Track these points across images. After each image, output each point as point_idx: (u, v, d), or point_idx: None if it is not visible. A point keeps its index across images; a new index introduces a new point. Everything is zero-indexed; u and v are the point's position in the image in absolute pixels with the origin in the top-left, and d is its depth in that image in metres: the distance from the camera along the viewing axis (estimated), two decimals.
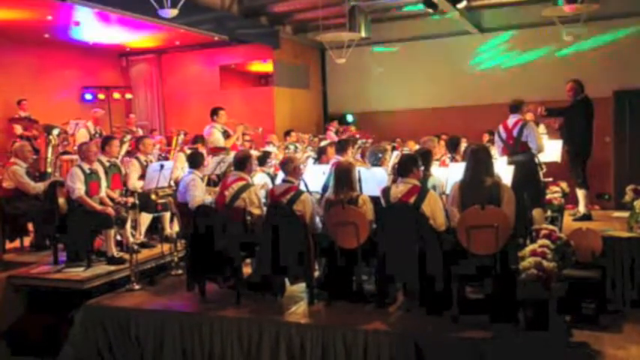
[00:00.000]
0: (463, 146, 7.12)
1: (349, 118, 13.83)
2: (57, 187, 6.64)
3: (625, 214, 7.15)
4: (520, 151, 6.63)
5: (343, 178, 5.21)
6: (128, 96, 13.39)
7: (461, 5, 10.56)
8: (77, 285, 5.88)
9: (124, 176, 7.13)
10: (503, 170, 5.86)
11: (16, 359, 5.92)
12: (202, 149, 8.17)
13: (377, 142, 8.63)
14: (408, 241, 4.80)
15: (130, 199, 6.71)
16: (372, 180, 5.83)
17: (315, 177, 6.38)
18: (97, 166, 6.64)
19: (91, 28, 10.22)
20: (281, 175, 6.07)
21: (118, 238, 6.77)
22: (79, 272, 6.07)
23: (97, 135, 9.21)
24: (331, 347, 4.63)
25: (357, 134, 11.96)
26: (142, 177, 7.05)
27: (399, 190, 5.06)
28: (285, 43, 13.00)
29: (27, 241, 7.43)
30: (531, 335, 4.30)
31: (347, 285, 5.29)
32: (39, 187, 7.05)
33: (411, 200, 4.94)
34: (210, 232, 5.46)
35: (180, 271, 6.41)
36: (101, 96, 12.58)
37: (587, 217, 7.62)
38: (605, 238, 5.92)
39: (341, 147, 7.20)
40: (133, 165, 7.22)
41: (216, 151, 8.33)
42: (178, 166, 7.58)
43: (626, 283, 6.23)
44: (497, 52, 12.88)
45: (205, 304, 5.44)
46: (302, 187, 5.73)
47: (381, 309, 5.02)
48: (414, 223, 4.83)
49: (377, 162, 6.49)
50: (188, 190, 6.23)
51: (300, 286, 5.49)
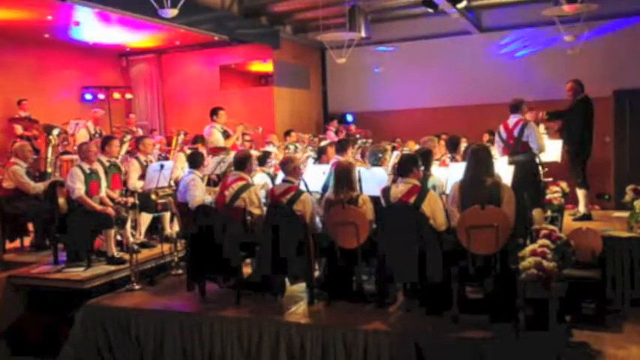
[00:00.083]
0: (463, 146, 7.12)
1: (349, 118, 13.83)
2: (57, 187, 6.64)
3: (625, 214, 7.14)
4: (521, 151, 6.63)
5: (343, 178, 5.21)
6: (128, 96, 13.38)
7: (461, 5, 10.56)
8: (77, 285, 5.88)
9: (124, 174, 7.14)
10: (504, 170, 5.86)
11: (16, 359, 5.92)
12: (202, 149, 8.17)
13: (377, 142, 8.64)
14: (408, 241, 4.80)
15: (130, 199, 6.71)
16: (372, 180, 5.83)
17: (315, 177, 6.38)
18: (97, 166, 6.64)
19: (91, 28, 10.22)
20: (281, 175, 6.07)
21: (118, 238, 6.77)
22: (79, 272, 6.07)
23: (97, 135, 9.21)
24: (331, 347, 4.63)
25: (356, 132, 12.00)
26: (142, 177, 7.06)
27: (399, 190, 5.06)
28: (285, 43, 13.00)
29: (27, 241, 7.43)
30: (531, 335, 4.30)
31: (347, 285, 5.28)
32: (39, 187, 7.06)
33: (411, 200, 4.94)
34: (210, 232, 5.45)
35: (180, 271, 6.41)
36: (101, 96, 12.58)
37: (587, 217, 7.62)
38: (605, 238, 5.92)
39: (341, 147, 7.20)
40: (133, 165, 7.22)
41: (216, 151, 8.33)
42: (178, 166, 7.58)
43: (626, 283, 6.23)
44: (497, 52, 12.88)
45: (205, 304, 5.44)
46: (302, 187, 5.72)
47: (381, 309, 5.02)
48: (414, 223, 4.83)
49: (377, 162, 6.49)
50: (188, 190, 6.23)
51: (300, 286, 5.49)
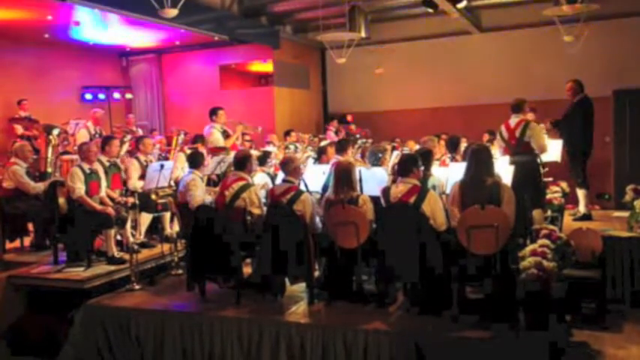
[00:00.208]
0: (463, 146, 7.12)
1: (349, 118, 13.82)
2: (57, 187, 6.64)
3: (625, 214, 7.15)
4: (522, 151, 6.58)
5: (343, 177, 5.20)
6: (128, 96, 13.38)
7: (461, 5, 10.56)
8: (77, 285, 5.88)
9: (124, 172, 7.14)
10: (503, 170, 5.86)
11: (16, 359, 5.92)
12: (202, 149, 8.18)
13: (377, 142, 8.64)
14: (408, 241, 4.80)
15: (130, 199, 6.71)
16: (372, 180, 5.82)
17: (315, 177, 6.38)
18: (97, 166, 6.64)
19: (91, 28, 10.22)
20: (281, 175, 6.07)
21: (118, 238, 6.77)
22: (79, 272, 6.07)
23: (97, 135, 9.20)
24: (331, 347, 4.63)
25: (356, 132, 12.00)
26: (142, 177, 7.06)
27: (399, 190, 5.06)
28: (285, 43, 12.99)
29: (27, 241, 7.43)
30: (531, 335, 4.30)
31: (347, 285, 5.28)
32: (39, 187, 7.06)
33: (411, 200, 4.94)
34: (210, 232, 5.46)
35: (180, 271, 6.41)
36: (101, 96, 12.58)
37: (587, 217, 7.62)
38: (605, 237, 5.92)
39: (341, 147, 7.21)
40: (133, 165, 7.23)
41: (216, 151, 8.32)
42: (178, 166, 7.58)
43: (626, 283, 6.23)
44: (497, 52, 12.87)
45: (205, 304, 5.43)
46: (302, 187, 5.73)
47: (381, 309, 5.02)
48: (414, 223, 4.83)
49: (377, 162, 6.49)
50: (188, 190, 6.22)
51: (300, 286, 5.48)
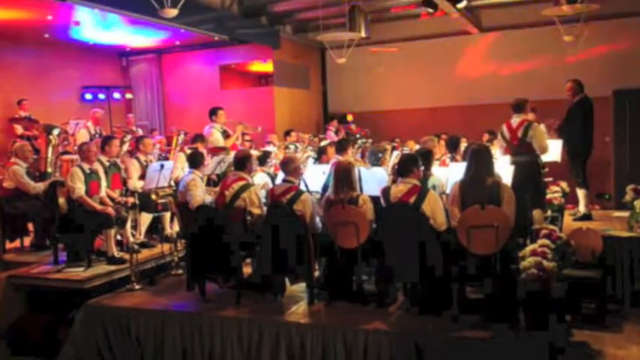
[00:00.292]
0: (463, 146, 7.12)
1: (349, 118, 13.83)
2: (57, 187, 6.64)
3: (625, 214, 7.15)
4: (524, 151, 6.55)
5: (343, 177, 5.20)
6: (128, 96, 13.38)
7: (461, 5, 10.56)
8: (77, 285, 5.88)
9: (124, 171, 7.14)
10: (503, 170, 5.86)
11: (16, 359, 5.92)
12: (202, 148, 8.18)
13: (377, 142, 8.63)
14: (408, 241, 4.80)
15: (130, 199, 6.71)
16: (372, 180, 5.82)
17: (315, 177, 6.38)
18: (97, 166, 6.64)
19: (91, 28, 10.22)
20: (281, 174, 6.07)
21: (118, 238, 6.77)
22: (79, 272, 6.07)
23: (97, 135, 9.20)
24: (331, 347, 4.62)
25: (355, 131, 12.00)
26: (142, 177, 7.06)
27: (399, 189, 5.05)
28: (285, 43, 12.99)
29: (27, 241, 7.43)
30: (531, 335, 4.30)
31: (347, 285, 5.28)
32: (39, 187, 7.06)
33: (411, 200, 4.94)
34: (210, 232, 5.45)
35: (180, 271, 6.41)
36: (101, 96, 12.59)
37: (587, 217, 7.62)
38: (606, 237, 5.92)
39: (341, 147, 7.21)
40: (133, 165, 7.23)
41: (216, 151, 8.32)
42: (178, 166, 7.58)
43: (626, 283, 6.23)
44: (496, 52, 12.87)
45: (205, 304, 5.43)
46: (302, 187, 5.73)
47: (381, 309, 5.02)
48: (414, 222, 4.83)
49: (377, 162, 6.48)
50: (188, 190, 6.22)
51: (300, 286, 5.48)
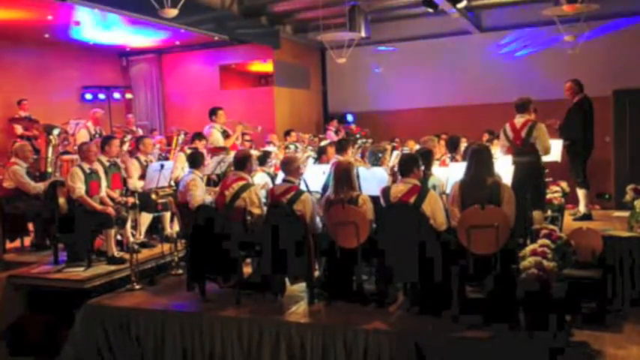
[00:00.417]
0: (463, 146, 7.12)
1: (349, 118, 13.84)
2: (57, 187, 6.64)
3: (625, 214, 7.15)
4: (527, 151, 6.48)
5: (343, 177, 5.20)
6: (128, 96, 13.40)
7: (461, 5, 10.56)
8: (77, 285, 5.88)
9: (124, 171, 7.14)
10: (503, 170, 5.85)
11: (16, 359, 5.92)
12: (201, 147, 8.18)
13: (377, 142, 8.64)
14: (408, 241, 4.80)
15: (130, 199, 6.71)
16: (372, 180, 5.82)
17: (315, 177, 6.38)
18: (97, 166, 6.64)
19: (91, 28, 10.22)
20: (281, 175, 6.07)
21: (119, 237, 6.77)
22: (79, 272, 6.07)
23: (97, 135, 9.21)
24: (331, 347, 4.62)
25: (355, 131, 12.01)
26: (142, 177, 7.06)
27: (399, 189, 5.05)
28: (285, 43, 13.00)
29: (27, 241, 7.43)
30: (531, 335, 4.30)
31: (347, 285, 5.28)
32: (39, 187, 7.06)
33: (411, 200, 4.93)
34: (210, 232, 5.46)
35: (180, 271, 6.41)
36: (101, 96, 12.60)
37: (587, 217, 7.62)
38: (606, 237, 5.92)
39: (341, 147, 7.21)
40: (133, 165, 7.23)
41: (215, 151, 8.33)
42: (178, 166, 7.58)
43: (626, 283, 6.23)
44: (497, 52, 12.87)
45: (205, 304, 5.43)
46: (302, 187, 5.72)
47: (381, 309, 5.01)
48: (415, 222, 4.82)
49: (377, 162, 6.48)
50: (188, 189, 6.22)
51: (300, 286, 5.48)
